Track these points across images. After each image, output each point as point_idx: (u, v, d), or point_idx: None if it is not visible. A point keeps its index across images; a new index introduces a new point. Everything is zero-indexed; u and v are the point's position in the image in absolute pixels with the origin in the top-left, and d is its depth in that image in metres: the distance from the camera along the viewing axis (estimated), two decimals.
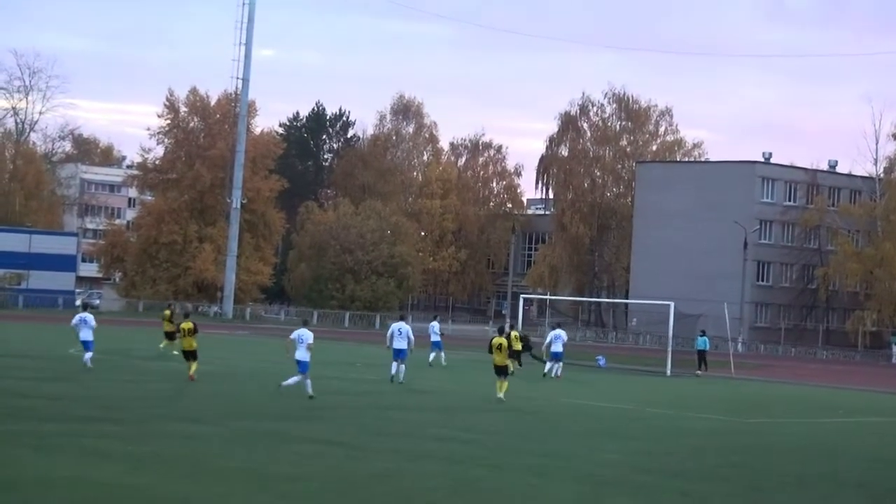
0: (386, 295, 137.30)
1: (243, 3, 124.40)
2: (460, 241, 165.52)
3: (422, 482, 23.64)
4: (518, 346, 61.17)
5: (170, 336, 59.26)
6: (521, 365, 60.84)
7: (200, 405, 36.35)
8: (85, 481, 21.37)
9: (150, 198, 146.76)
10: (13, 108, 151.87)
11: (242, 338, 77.25)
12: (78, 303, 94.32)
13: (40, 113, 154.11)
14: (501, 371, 44.63)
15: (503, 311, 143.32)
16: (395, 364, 49.45)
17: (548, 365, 60.66)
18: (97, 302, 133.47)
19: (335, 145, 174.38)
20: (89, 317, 48.17)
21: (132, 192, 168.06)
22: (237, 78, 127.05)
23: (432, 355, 62.19)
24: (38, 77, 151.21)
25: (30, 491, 20.09)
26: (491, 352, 44.91)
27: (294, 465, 24.84)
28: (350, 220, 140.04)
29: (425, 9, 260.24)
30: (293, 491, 21.75)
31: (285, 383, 39.45)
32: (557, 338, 61.51)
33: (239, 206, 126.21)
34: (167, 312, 62.50)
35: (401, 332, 49.99)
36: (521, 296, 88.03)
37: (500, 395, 43.86)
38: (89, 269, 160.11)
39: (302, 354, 39.20)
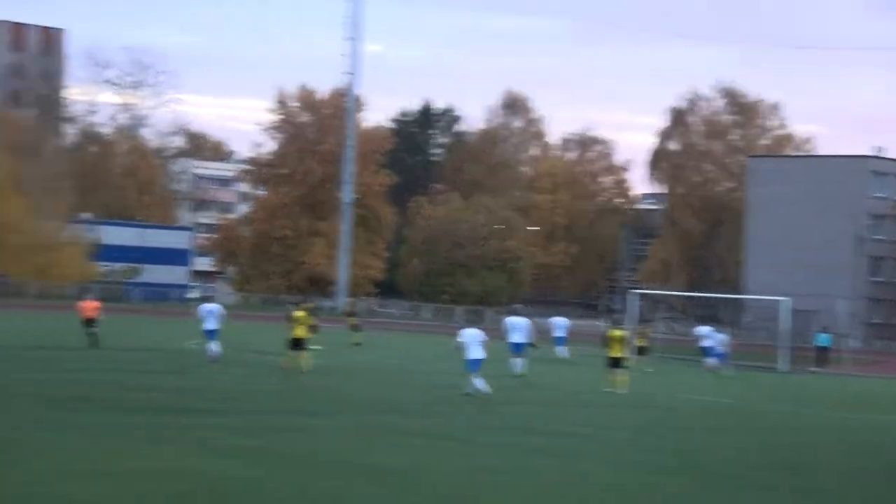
0: (497, 290, 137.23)
1: None
2: (570, 236, 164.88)
3: (532, 477, 23.54)
4: (641, 342, 61.75)
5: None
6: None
7: (315, 399, 36.51)
8: (200, 473, 21.50)
9: (261, 192, 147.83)
10: (125, 104, 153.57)
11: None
12: (192, 295, 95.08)
13: (152, 109, 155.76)
14: (616, 364, 44.56)
15: (615, 307, 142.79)
16: (514, 358, 49.58)
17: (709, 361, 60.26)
18: (213, 296, 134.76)
19: (444, 140, 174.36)
20: (216, 307, 48.76)
21: (243, 187, 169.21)
22: (346, 73, 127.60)
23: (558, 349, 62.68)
24: (149, 73, 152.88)
25: (147, 482, 20.25)
26: (606, 345, 44.86)
27: (406, 459, 24.84)
28: (460, 215, 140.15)
29: (532, 4, 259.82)
30: (406, 484, 21.76)
31: (469, 389, 38.85)
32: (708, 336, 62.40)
33: (350, 200, 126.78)
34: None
35: (515, 326, 50.15)
36: (633, 291, 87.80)
37: (617, 388, 43.81)
38: (204, 264, 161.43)
39: (477, 353, 38.71)
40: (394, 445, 26.78)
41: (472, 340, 38.73)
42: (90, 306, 54.08)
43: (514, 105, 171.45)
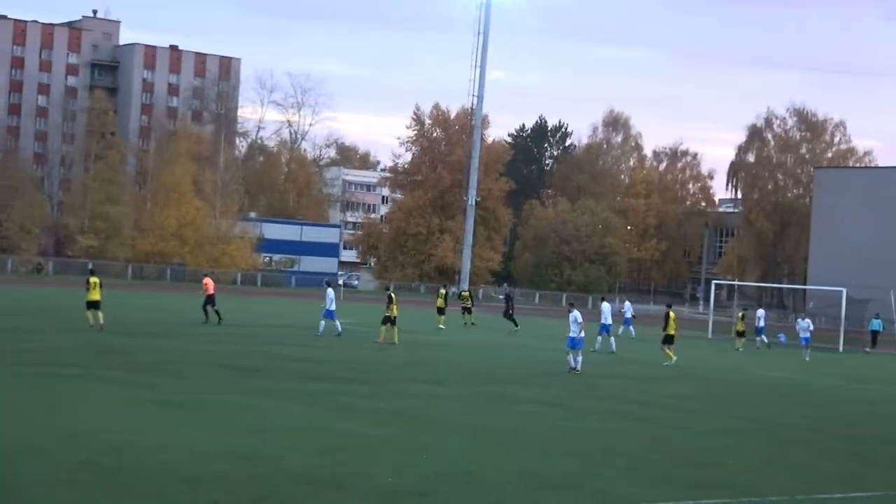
0: (597, 279, 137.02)
1: (478, 33, 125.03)
2: (660, 235, 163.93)
3: (623, 439, 23.48)
4: (740, 326, 61.62)
5: (441, 311, 60.44)
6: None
7: (439, 370, 36.59)
8: (341, 431, 21.69)
9: (399, 196, 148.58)
10: (288, 121, 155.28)
11: (476, 314, 77.43)
12: (340, 282, 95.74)
13: (310, 125, 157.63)
14: (670, 340, 44.80)
15: (697, 295, 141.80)
16: (599, 337, 50.22)
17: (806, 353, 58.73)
18: (356, 283, 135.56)
19: (555, 152, 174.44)
20: (332, 291, 48.81)
21: (385, 191, 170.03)
22: (473, 95, 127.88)
23: (621, 329, 62.09)
24: (308, 95, 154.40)
25: (297, 438, 20.48)
26: (666, 324, 44.70)
27: (517, 422, 24.88)
28: (567, 216, 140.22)
29: (632, 36, 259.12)
30: (517, 443, 21.78)
31: (574, 364, 37.91)
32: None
33: (474, 203, 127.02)
34: (442, 291, 63.23)
35: (605, 311, 51.19)
36: (713, 282, 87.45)
37: (668, 360, 44.33)
38: (349, 255, 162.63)
39: (574, 332, 37.69)
40: (505, 410, 26.81)
41: (572, 322, 37.95)
42: (211, 284, 52.56)
43: (615, 122, 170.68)
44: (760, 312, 67.12)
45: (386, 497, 15.92)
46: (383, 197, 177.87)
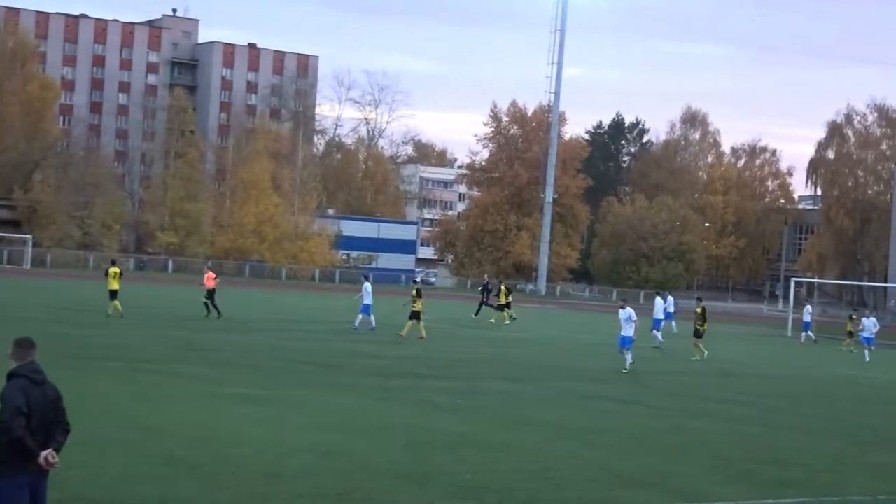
0: (675, 277, 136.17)
1: (555, 30, 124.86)
2: (739, 232, 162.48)
3: (704, 436, 23.38)
4: (850, 327, 60.47)
5: (500, 308, 60.14)
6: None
7: (519, 367, 36.57)
8: (421, 427, 21.74)
9: (476, 193, 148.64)
10: (365, 119, 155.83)
11: (553, 312, 77.58)
12: (418, 279, 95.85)
13: (387, 122, 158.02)
14: (699, 334, 44.41)
15: (776, 292, 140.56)
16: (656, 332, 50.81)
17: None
18: (433, 279, 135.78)
19: (632, 149, 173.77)
20: (370, 285, 48.33)
21: (461, 188, 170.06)
22: (550, 92, 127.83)
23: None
24: (385, 93, 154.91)
25: (378, 434, 20.56)
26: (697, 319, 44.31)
27: (597, 420, 24.83)
28: (645, 213, 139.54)
29: (709, 33, 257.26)
30: (597, 441, 21.75)
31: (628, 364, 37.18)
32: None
33: (551, 200, 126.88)
34: (503, 289, 62.93)
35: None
36: (792, 279, 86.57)
37: (697, 355, 43.84)
38: (426, 252, 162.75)
39: (626, 331, 37.07)
40: (584, 407, 26.80)
41: (625, 320, 37.13)
42: (211, 277, 49.72)
43: (692, 119, 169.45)
44: (808, 308, 66.42)
45: (467, 493, 15.95)
46: (460, 194, 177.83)
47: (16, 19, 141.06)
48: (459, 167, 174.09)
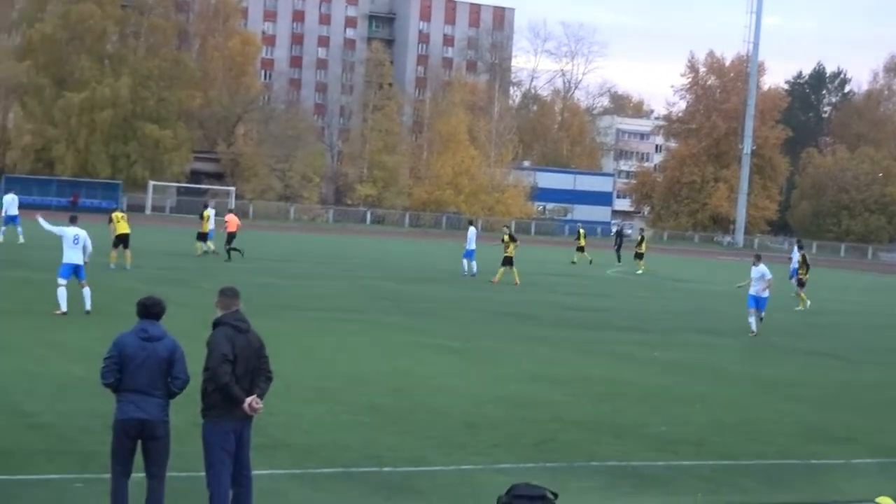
0: (877, 229, 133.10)
1: None
2: None
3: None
4: None
5: (639, 256, 59.41)
6: None
7: (716, 320, 36.18)
8: (617, 380, 21.72)
9: (673, 144, 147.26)
10: (561, 71, 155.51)
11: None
12: (615, 230, 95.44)
13: (583, 74, 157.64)
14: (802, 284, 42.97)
15: None
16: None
17: None
18: (629, 231, 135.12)
19: (833, 99, 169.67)
20: (474, 231, 47.61)
21: (658, 140, 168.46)
22: (748, 42, 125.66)
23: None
24: (581, 44, 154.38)
25: (574, 385, 20.60)
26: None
27: (795, 373, 24.48)
28: (846, 164, 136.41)
29: None
30: (795, 394, 21.46)
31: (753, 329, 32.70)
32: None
33: (749, 151, 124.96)
34: (640, 237, 62.64)
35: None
36: None
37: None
38: (622, 204, 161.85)
39: (756, 290, 32.19)
40: (781, 361, 26.41)
41: (757, 278, 32.49)
42: (234, 222, 47.91)
43: None
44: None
45: (662, 445, 15.90)
46: (657, 146, 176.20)
47: None
48: (656, 118, 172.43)
